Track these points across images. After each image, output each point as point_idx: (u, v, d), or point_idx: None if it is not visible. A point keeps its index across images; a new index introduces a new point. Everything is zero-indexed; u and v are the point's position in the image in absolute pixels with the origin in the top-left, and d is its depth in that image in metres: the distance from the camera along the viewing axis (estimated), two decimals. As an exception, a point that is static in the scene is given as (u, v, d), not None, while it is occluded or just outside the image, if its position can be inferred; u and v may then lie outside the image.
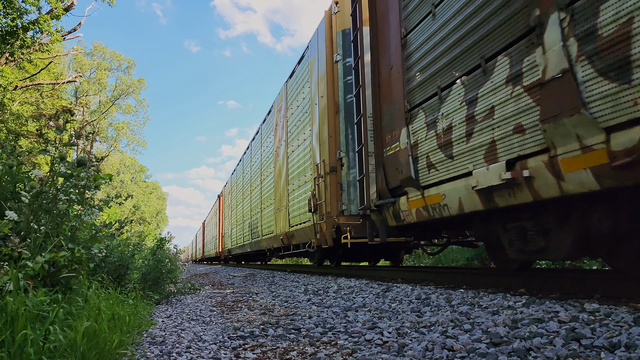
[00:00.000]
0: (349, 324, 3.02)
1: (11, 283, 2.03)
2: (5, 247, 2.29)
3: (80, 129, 27.75)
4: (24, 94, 17.78)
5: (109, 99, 33.46)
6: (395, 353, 2.20)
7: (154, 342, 2.67)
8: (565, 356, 1.79)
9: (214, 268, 19.37)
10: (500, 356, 1.91)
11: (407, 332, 2.59)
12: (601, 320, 2.20)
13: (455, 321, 2.69)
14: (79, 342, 1.91)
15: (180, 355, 2.35)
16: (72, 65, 30.88)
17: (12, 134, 16.80)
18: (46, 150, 2.92)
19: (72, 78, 22.27)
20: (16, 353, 1.69)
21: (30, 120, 17.94)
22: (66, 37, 16.44)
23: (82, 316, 2.25)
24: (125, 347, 2.32)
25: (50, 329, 1.90)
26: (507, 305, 2.89)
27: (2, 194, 2.74)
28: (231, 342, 2.68)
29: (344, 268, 8.43)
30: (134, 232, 18.68)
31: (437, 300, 3.54)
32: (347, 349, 2.34)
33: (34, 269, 2.30)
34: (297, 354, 2.31)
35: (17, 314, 1.83)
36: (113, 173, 36.35)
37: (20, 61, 13.90)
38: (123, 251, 4.53)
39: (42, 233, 2.59)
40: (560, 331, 2.11)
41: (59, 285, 2.59)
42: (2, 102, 13.80)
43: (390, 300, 3.86)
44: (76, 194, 2.96)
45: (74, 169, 2.93)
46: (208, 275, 12.10)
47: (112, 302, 2.82)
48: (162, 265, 5.12)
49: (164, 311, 4.18)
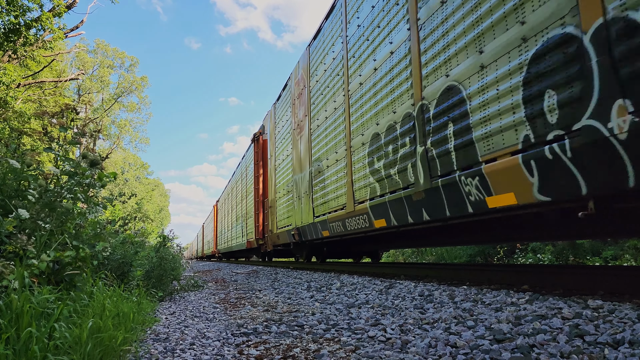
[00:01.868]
0: (352, 321, 3.02)
1: (16, 281, 2.04)
2: (10, 244, 2.30)
3: (83, 126, 27.80)
4: (27, 91, 17.81)
5: (112, 97, 33.50)
6: (398, 350, 2.20)
7: (158, 338, 2.69)
8: (569, 353, 1.79)
9: (216, 265, 19.41)
10: (503, 353, 1.91)
11: (410, 329, 2.59)
12: (605, 317, 2.20)
13: (459, 318, 2.69)
14: (84, 339, 1.92)
15: (184, 352, 2.36)
16: (75, 62, 30.92)
17: (14, 132, 16.84)
18: (50, 148, 2.92)
19: (75, 76, 22.27)
20: (21, 350, 1.70)
21: (33, 118, 17.97)
22: (69, 35, 16.44)
23: (86, 313, 2.27)
24: (129, 344, 2.33)
25: (55, 326, 1.91)
26: (511, 302, 2.89)
27: (7, 192, 2.75)
28: (235, 338, 2.69)
29: (347, 265, 8.45)
30: (137, 229, 18.74)
31: (440, 296, 3.54)
32: (350, 345, 2.34)
33: (39, 267, 2.31)
34: (300, 351, 2.32)
35: (22, 311, 1.84)
36: (116, 170, 36.40)
37: (23, 59, 13.91)
38: (126, 249, 4.55)
39: (47, 231, 2.60)
40: (564, 328, 2.11)
41: (64, 282, 2.61)
42: (5, 100, 13.83)
43: (393, 297, 3.86)
44: (81, 192, 2.97)
45: (79, 167, 2.94)
46: (211, 272, 12.13)
47: (116, 299, 2.83)
48: (165, 262, 5.14)
49: (167, 308, 4.19)
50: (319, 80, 8.20)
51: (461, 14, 3.86)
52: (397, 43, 5.03)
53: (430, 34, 4.33)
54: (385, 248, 11.75)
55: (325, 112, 7.76)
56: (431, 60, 4.32)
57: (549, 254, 11.62)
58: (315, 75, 8.51)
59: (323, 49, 8.08)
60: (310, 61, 8.92)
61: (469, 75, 3.74)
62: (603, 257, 10.91)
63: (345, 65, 6.75)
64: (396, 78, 5.06)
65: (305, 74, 9.19)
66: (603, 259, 10.87)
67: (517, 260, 12.60)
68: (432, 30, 4.31)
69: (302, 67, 9.46)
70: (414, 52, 4.64)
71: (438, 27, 4.20)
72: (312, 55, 8.80)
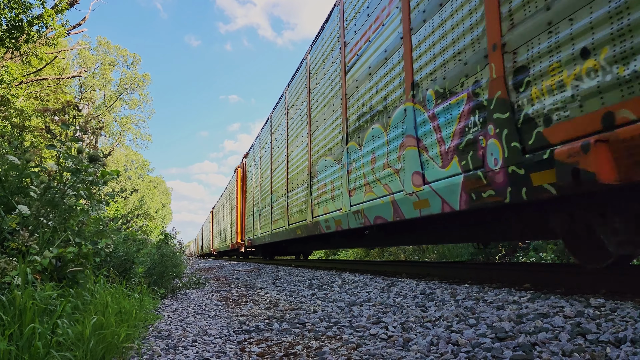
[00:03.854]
0: (353, 319, 3.03)
1: (19, 277, 2.05)
2: (14, 241, 2.31)
3: (85, 123, 27.81)
4: (29, 88, 17.83)
5: (114, 94, 33.50)
6: (400, 347, 2.20)
7: (160, 335, 2.69)
8: (571, 351, 1.79)
9: (218, 263, 19.45)
10: (505, 351, 1.91)
11: (412, 327, 2.60)
12: (607, 315, 2.20)
13: (460, 316, 2.69)
14: (87, 336, 1.92)
15: (186, 349, 2.36)
16: (77, 60, 30.94)
17: (16, 129, 16.86)
18: (53, 145, 2.93)
19: (77, 73, 22.28)
20: (24, 346, 1.71)
21: (34, 115, 17.98)
22: (71, 32, 16.45)
23: (89, 310, 2.27)
24: (131, 341, 2.34)
25: (58, 322, 1.92)
26: (512, 300, 2.89)
27: (9, 189, 2.76)
28: (236, 336, 2.69)
29: (349, 263, 8.47)
30: (139, 227, 18.76)
31: (442, 295, 3.54)
32: (352, 343, 2.34)
33: (41, 264, 2.32)
34: (302, 348, 2.32)
35: (25, 307, 1.85)
36: (119, 168, 36.46)
37: (26, 55, 13.92)
38: (128, 245, 4.56)
39: (49, 228, 2.61)
40: (566, 326, 2.11)
41: (66, 279, 2.61)
42: (6, 98, 13.84)
43: (395, 295, 3.86)
44: (84, 189, 2.98)
45: (82, 165, 2.94)
46: (213, 270, 12.15)
47: (119, 296, 2.84)
48: (167, 259, 5.15)
49: (169, 305, 4.20)
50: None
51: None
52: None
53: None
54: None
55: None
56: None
57: (550, 253, 11.61)
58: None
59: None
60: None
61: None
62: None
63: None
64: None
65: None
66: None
67: (519, 258, 12.59)
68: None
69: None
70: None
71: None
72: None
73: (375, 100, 5.52)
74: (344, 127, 6.56)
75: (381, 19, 5.40)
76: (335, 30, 7.24)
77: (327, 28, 7.72)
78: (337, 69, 7.02)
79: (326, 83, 7.61)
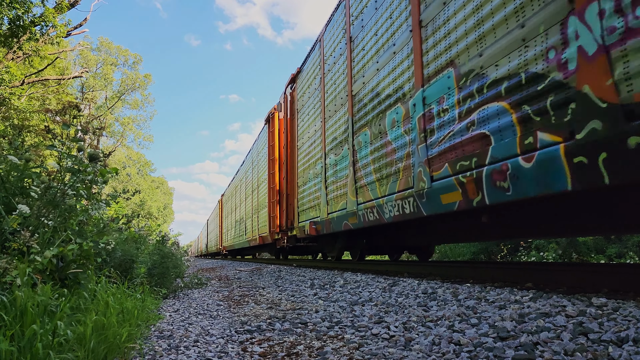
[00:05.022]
0: (355, 318, 3.02)
1: (19, 277, 2.05)
2: (15, 241, 2.31)
3: (86, 123, 27.86)
4: (30, 89, 17.84)
5: (115, 94, 33.53)
6: (402, 347, 2.20)
7: (162, 336, 2.69)
8: (573, 350, 1.78)
9: (220, 262, 19.45)
10: (507, 350, 1.91)
11: (414, 327, 2.59)
12: (609, 315, 2.19)
13: (462, 315, 2.69)
14: (88, 336, 1.92)
15: (188, 349, 2.36)
16: (79, 60, 30.96)
17: (16, 129, 16.88)
18: (53, 145, 2.93)
19: (79, 73, 22.30)
20: (26, 347, 1.71)
21: (34, 115, 17.99)
22: (72, 33, 16.46)
23: (90, 310, 2.27)
24: (133, 341, 2.34)
25: (59, 323, 1.92)
26: (514, 300, 2.89)
27: (10, 189, 2.76)
28: (238, 336, 2.69)
29: (350, 263, 8.44)
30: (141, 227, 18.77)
31: (444, 294, 3.53)
32: (354, 343, 2.34)
33: (42, 263, 2.32)
34: (304, 348, 2.32)
35: (25, 308, 1.85)
36: (119, 167, 36.47)
37: (28, 55, 13.94)
38: (129, 245, 4.56)
39: (50, 228, 2.61)
40: (568, 325, 2.10)
41: (68, 279, 2.62)
42: (7, 98, 13.87)
43: (397, 295, 3.86)
44: (84, 188, 2.98)
45: (82, 164, 2.94)
46: (214, 270, 12.15)
47: (120, 296, 2.84)
48: (167, 260, 5.15)
49: (171, 305, 4.20)
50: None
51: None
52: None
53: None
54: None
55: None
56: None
57: (552, 252, 11.60)
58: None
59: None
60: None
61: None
62: (607, 255, 10.88)
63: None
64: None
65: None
66: (607, 257, 10.84)
67: (521, 258, 12.58)
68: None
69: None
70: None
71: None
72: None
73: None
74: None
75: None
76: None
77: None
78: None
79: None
